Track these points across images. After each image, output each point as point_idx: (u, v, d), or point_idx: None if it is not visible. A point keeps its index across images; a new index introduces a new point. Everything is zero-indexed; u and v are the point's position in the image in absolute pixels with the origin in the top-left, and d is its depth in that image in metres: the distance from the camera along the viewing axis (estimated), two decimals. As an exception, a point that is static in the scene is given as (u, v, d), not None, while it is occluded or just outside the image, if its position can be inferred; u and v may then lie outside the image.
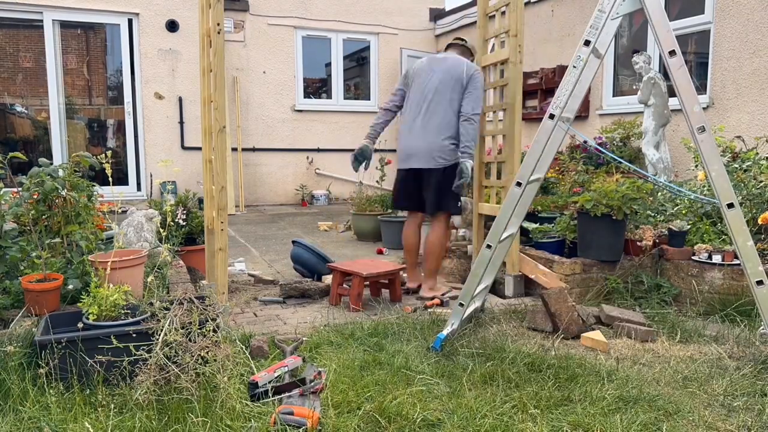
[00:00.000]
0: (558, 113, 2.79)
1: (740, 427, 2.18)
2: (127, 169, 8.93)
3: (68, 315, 2.71)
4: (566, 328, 3.16)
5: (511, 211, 2.90)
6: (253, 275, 4.54)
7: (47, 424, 2.07)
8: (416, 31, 10.44)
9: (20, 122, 8.72)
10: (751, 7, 5.43)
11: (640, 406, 2.32)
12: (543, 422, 2.17)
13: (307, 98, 9.96)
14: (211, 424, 2.08)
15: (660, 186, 4.30)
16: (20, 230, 3.42)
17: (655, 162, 5.43)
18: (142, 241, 3.85)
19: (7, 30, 8.42)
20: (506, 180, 3.99)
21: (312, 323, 3.39)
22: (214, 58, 3.31)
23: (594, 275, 3.88)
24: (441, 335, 2.92)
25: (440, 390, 2.45)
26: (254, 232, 6.88)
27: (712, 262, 3.66)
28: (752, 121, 5.44)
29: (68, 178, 3.41)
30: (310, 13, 9.70)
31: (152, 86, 8.83)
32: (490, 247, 2.94)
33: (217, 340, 2.37)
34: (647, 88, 5.44)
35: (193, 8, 8.75)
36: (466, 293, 3.02)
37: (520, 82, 3.93)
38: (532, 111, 7.89)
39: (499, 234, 2.93)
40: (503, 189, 4.05)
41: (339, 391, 2.38)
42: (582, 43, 2.74)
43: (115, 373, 2.36)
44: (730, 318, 3.40)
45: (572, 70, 2.75)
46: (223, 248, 3.34)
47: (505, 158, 4.02)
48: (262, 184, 9.63)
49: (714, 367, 2.71)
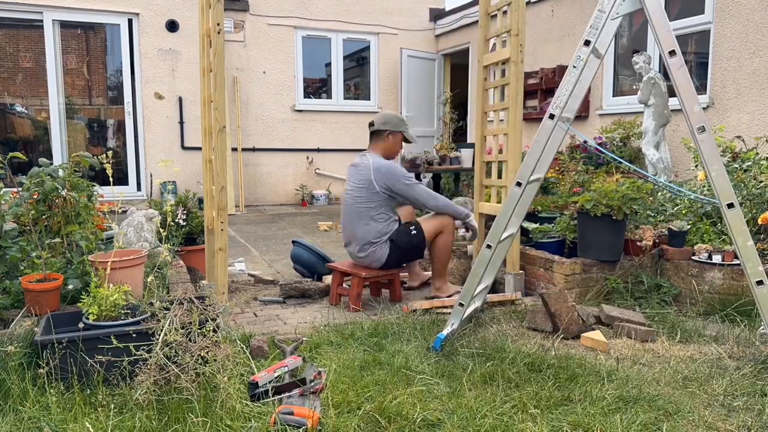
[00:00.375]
0: (558, 113, 2.78)
1: (740, 427, 2.18)
2: (127, 169, 8.93)
3: (68, 315, 2.71)
4: (566, 328, 3.16)
5: (511, 211, 2.90)
6: (253, 275, 4.54)
7: (47, 424, 2.07)
8: (416, 31, 10.45)
9: (20, 122, 8.72)
10: (751, 7, 5.43)
11: (640, 406, 2.32)
12: (543, 422, 2.17)
13: (307, 98, 9.96)
14: (211, 424, 2.08)
15: (660, 186, 4.30)
16: (20, 230, 3.42)
17: (655, 162, 5.43)
18: (142, 241, 3.85)
19: (7, 30, 8.43)
20: (507, 179, 4.00)
21: (312, 323, 3.40)
22: (214, 58, 3.31)
23: (594, 275, 3.88)
24: (441, 335, 2.93)
25: (440, 390, 2.45)
26: (254, 232, 6.88)
27: (712, 262, 3.66)
28: (752, 121, 5.44)
29: (68, 178, 3.41)
30: (310, 13, 9.71)
31: (152, 86, 8.83)
32: (490, 247, 2.94)
33: (217, 340, 2.37)
34: (647, 88, 5.44)
35: (193, 8, 8.76)
36: (466, 293, 3.02)
37: (521, 81, 3.93)
38: (532, 111, 7.89)
39: (499, 234, 2.93)
40: (504, 188, 4.05)
41: (339, 391, 2.38)
42: (582, 43, 2.75)
43: (115, 373, 2.36)
44: (730, 318, 3.40)
45: (572, 70, 2.75)
46: (223, 248, 3.34)
47: (507, 157, 4.02)
48: (262, 184, 9.63)
49: (714, 367, 2.71)
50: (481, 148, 4.40)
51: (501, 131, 4.14)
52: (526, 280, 4.09)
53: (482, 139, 4.36)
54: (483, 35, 4.31)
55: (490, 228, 2.98)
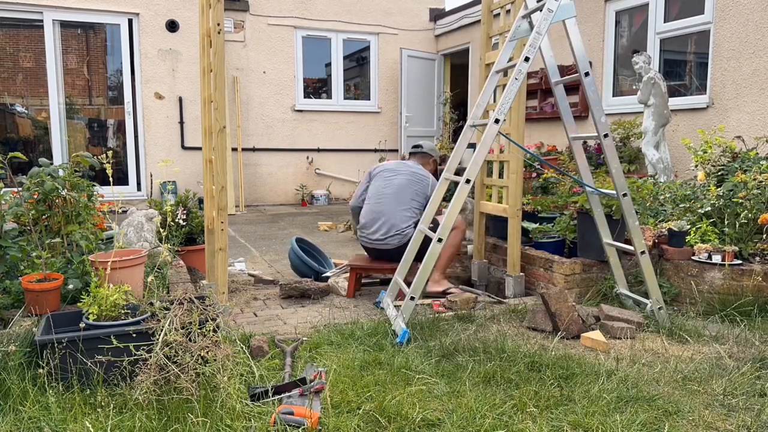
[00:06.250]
0: (502, 118, 3.18)
1: (740, 426, 2.18)
2: (127, 169, 8.93)
3: (68, 315, 2.70)
4: (566, 327, 3.16)
5: (459, 206, 3.20)
6: (253, 275, 4.54)
7: (47, 424, 2.07)
8: (416, 31, 10.45)
9: (20, 122, 8.73)
10: (751, 8, 5.44)
11: (640, 405, 2.32)
12: (543, 422, 2.17)
13: (307, 98, 9.96)
14: (211, 424, 2.08)
15: (571, 178, 4.43)
16: (20, 230, 3.42)
17: (655, 162, 5.43)
18: (142, 241, 3.85)
19: (7, 30, 8.43)
20: (508, 179, 4.00)
21: (312, 323, 3.40)
22: (214, 58, 3.31)
23: (594, 275, 3.88)
24: (405, 330, 3.01)
25: (440, 390, 2.45)
26: (254, 232, 6.88)
27: (712, 262, 3.66)
28: (752, 121, 5.44)
29: (68, 178, 3.41)
30: (310, 13, 9.71)
31: (152, 86, 8.84)
32: (441, 240, 3.17)
33: (217, 340, 2.37)
34: (647, 88, 5.44)
35: (193, 8, 8.76)
36: (417, 287, 3.17)
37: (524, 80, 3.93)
38: (532, 111, 7.90)
39: (448, 228, 3.19)
40: (505, 188, 4.05)
41: (339, 391, 2.38)
42: (522, 59, 3.18)
43: (115, 373, 2.37)
44: (729, 318, 3.40)
45: (514, 82, 3.18)
46: (223, 248, 3.34)
47: (508, 157, 4.02)
48: (262, 184, 9.63)
49: (714, 367, 2.72)
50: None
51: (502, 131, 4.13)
52: (526, 280, 4.09)
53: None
54: (485, 33, 4.31)
55: (442, 223, 3.17)
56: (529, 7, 3.47)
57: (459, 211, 3.21)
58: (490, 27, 4.31)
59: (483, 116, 3.64)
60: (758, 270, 3.55)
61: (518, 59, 3.21)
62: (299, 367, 2.69)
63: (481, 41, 4.38)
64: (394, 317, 3.19)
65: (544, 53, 3.60)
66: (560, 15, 3.22)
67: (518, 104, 3.92)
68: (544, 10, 3.18)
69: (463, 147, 3.59)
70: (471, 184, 3.16)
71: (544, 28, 3.19)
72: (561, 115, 3.66)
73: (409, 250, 3.55)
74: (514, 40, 3.50)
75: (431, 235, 3.23)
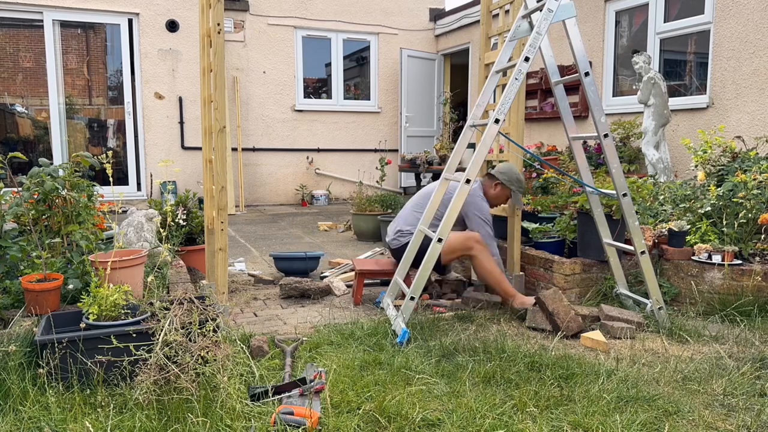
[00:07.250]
0: (502, 118, 3.16)
1: (740, 426, 2.18)
2: (127, 169, 8.93)
3: (68, 315, 2.71)
4: (566, 327, 3.17)
5: (459, 206, 3.18)
6: (253, 275, 4.54)
7: (47, 424, 2.07)
8: (416, 31, 10.45)
9: (20, 122, 8.73)
10: (751, 8, 5.44)
11: (640, 405, 2.32)
12: (543, 422, 2.17)
13: (307, 98, 9.96)
14: (211, 424, 2.08)
15: (567, 176, 4.46)
16: (20, 230, 3.42)
17: (655, 162, 5.43)
18: (142, 241, 3.85)
19: (7, 30, 8.43)
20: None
21: (312, 323, 3.40)
22: (214, 58, 3.32)
23: (594, 275, 3.89)
24: (405, 330, 3.01)
25: (440, 390, 2.45)
26: (254, 232, 6.88)
27: (712, 262, 3.66)
28: (752, 121, 5.44)
29: (68, 177, 3.41)
30: (310, 13, 9.71)
31: (152, 86, 8.84)
32: (441, 240, 3.17)
33: (217, 340, 2.37)
34: (647, 88, 5.44)
35: (193, 8, 8.76)
36: (417, 287, 3.18)
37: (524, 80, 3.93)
38: (532, 111, 7.90)
39: (449, 228, 3.19)
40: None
41: (339, 391, 2.38)
42: (522, 59, 3.17)
43: (115, 373, 2.37)
44: (729, 318, 3.41)
45: (514, 82, 3.18)
46: (223, 248, 3.34)
47: (507, 157, 4.02)
48: (262, 184, 9.63)
49: (713, 367, 2.72)
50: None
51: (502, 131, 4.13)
52: (526, 280, 4.09)
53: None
54: (485, 33, 4.31)
55: (440, 222, 3.18)
56: (528, 7, 3.47)
57: (458, 211, 3.20)
58: (489, 27, 4.31)
59: (483, 116, 3.64)
60: (758, 270, 3.55)
61: (518, 59, 3.21)
62: (299, 367, 2.69)
63: (480, 41, 4.38)
64: (394, 317, 3.19)
65: (544, 53, 3.60)
66: (560, 15, 3.22)
67: (518, 104, 3.92)
68: (544, 10, 3.18)
69: (463, 147, 3.59)
70: (471, 185, 3.16)
71: (544, 28, 3.19)
72: (561, 115, 3.66)
73: (409, 249, 3.55)
74: (514, 40, 3.50)
75: (431, 234, 3.24)
